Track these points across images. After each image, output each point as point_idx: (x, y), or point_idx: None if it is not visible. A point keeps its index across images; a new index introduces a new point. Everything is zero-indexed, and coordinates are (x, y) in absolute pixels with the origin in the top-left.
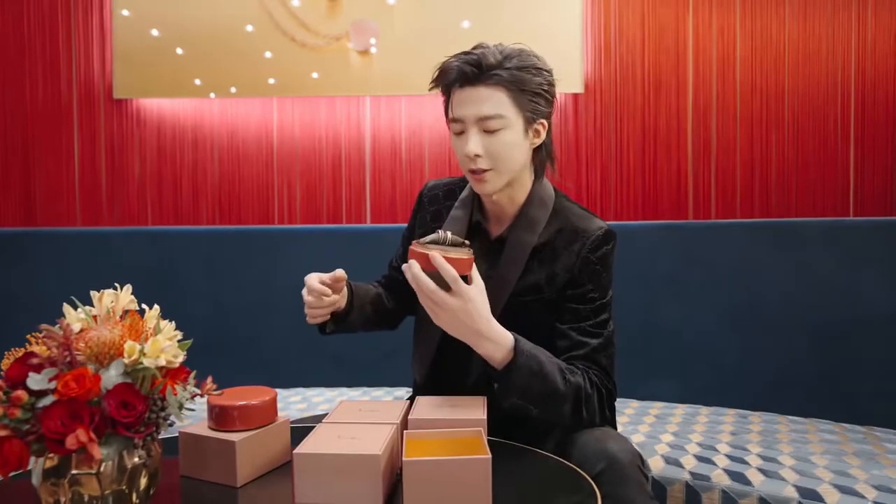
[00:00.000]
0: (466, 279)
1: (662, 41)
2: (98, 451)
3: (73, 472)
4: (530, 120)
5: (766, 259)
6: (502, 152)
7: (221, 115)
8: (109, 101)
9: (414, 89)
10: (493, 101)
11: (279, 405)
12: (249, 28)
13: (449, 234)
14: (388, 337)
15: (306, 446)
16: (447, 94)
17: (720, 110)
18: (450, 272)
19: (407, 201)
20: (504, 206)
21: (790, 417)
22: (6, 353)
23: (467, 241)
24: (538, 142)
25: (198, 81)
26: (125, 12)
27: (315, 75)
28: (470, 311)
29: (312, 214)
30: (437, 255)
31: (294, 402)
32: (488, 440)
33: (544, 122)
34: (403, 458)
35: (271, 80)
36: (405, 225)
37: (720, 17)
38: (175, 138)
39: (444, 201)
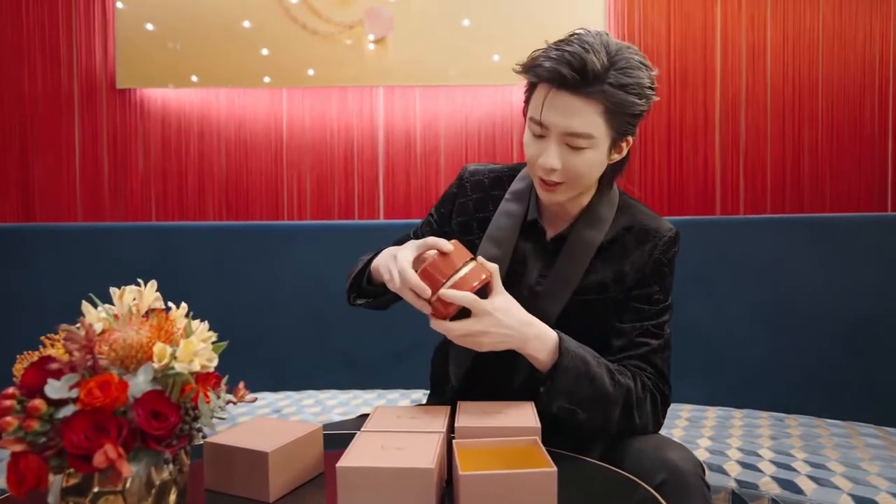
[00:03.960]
0: (486, 289)
1: (689, 30)
2: (127, 469)
3: (96, 489)
4: (617, 140)
5: (798, 256)
6: (582, 171)
7: (228, 107)
8: (112, 91)
9: (429, 79)
10: (585, 117)
11: (292, 409)
12: (259, 17)
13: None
14: (399, 336)
15: (350, 459)
16: (533, 85)
17: (750, 102)
18: (466, 297)
19: (421, 195)
20: (568, 207)
21: (828, 421)
22: (19, 356)
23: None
24: (618, 157)
25: (195, 77)
26: (120, 5)
27: (326, 65)
28: (503, 321)
29: (323, 209)
30: (446, 292)
31: (307, 406)
32: None
33: (630, 138)
34: (460, 472)
35: (281, 70)
36: (419, 221)
37: (750, 4)
38: (180, 130)
39: (490, 190)
